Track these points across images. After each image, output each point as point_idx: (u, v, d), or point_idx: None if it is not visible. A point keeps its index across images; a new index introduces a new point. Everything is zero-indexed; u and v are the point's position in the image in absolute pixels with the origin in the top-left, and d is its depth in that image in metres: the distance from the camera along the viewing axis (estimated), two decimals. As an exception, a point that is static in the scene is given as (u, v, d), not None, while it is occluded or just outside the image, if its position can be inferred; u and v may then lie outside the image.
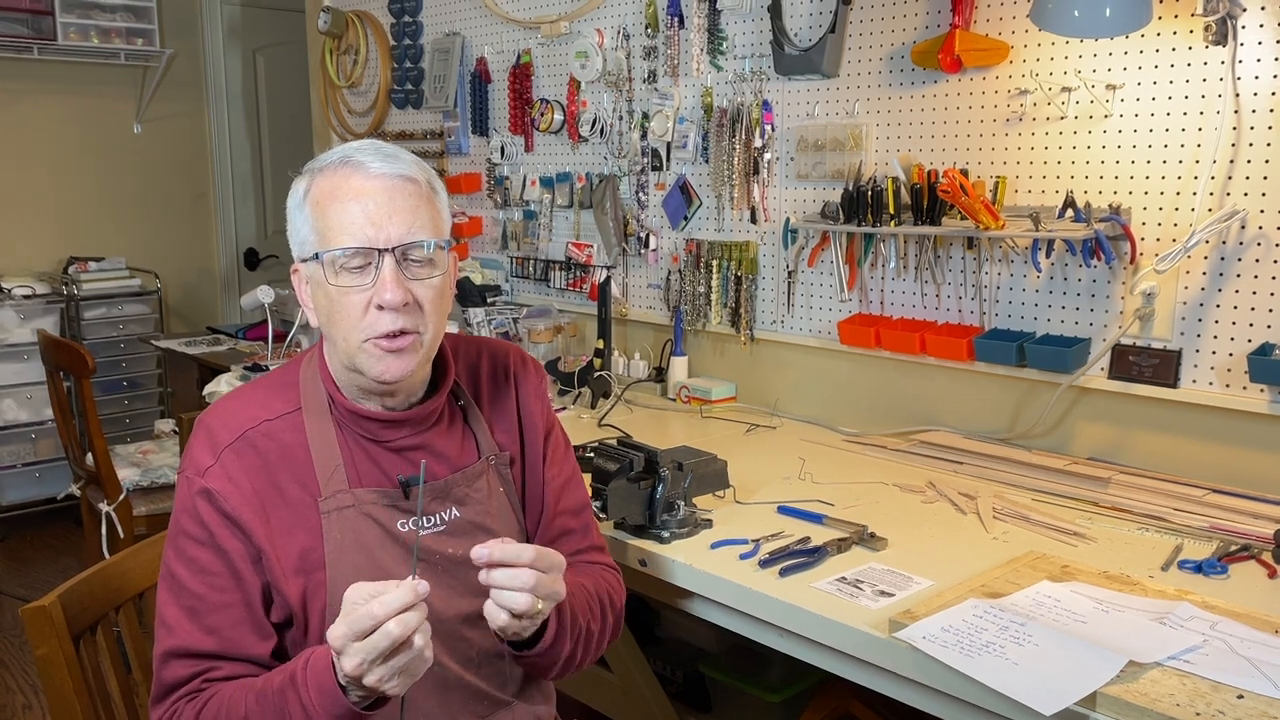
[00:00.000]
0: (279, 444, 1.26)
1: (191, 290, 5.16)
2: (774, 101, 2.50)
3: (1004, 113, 2.09)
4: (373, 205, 1.20)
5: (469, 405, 1.39)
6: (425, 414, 1.31)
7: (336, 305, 1.22)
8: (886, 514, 1.79)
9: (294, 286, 1.31)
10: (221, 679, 1.20)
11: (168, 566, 1.25)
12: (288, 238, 1.29)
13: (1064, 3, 1.78)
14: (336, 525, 1.25)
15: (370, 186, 1.21)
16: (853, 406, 2.43)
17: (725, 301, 2.66)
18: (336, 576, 1.23)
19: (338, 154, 1.25)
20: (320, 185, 1.24)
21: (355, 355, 1.23)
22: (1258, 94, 1.77)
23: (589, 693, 2.34)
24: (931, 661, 1.26)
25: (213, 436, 1.26)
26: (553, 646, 1.23)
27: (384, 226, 1.20)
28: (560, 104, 3.05)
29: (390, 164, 1.23)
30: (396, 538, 1.28)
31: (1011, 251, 2.11)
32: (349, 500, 1.26)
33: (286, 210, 1.28)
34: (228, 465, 1.24)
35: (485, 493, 1.35)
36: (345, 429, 1.29)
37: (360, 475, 1.28)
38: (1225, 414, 1.86)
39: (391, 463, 1.30)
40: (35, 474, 4.29)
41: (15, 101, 4.53)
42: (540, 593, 1.13)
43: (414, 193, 1.23)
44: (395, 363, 1.23)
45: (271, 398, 1.30)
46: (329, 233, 1.21)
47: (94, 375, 3.01)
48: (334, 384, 1.30)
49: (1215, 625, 1.30)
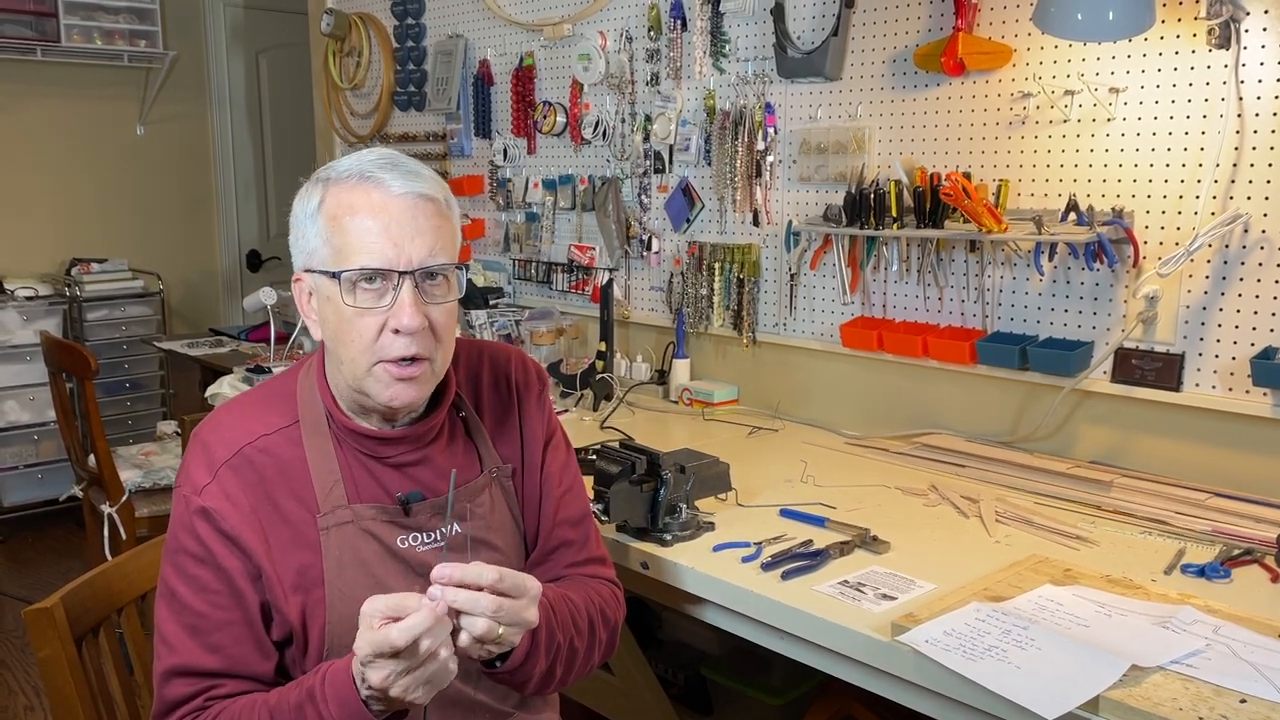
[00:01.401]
0: (276, 460, 1.24)
1: (194, 292, 5.17)
2: (776, 104, 2.50)
3: (1007, 116, 2.09)
4: (394, 225, 1.17)
5: (470, 417, 1.37)
6: (425, 430, 1.29)
7: (348, 325, 1.19)
8: (889, 517, 1.79)
9: (295, 294, 1.28)
10: (225, 696, 1.19)
11: (167, 584, 1.23)
12: (290, 244, 1.26)
13: (1067, 6, 1.78)
14: (335, 541, 1.23)
15: (391, 205, 1.18)
16: (855, 409, 2.43)
17: (727, 304, 2.66)
18: (336, 593, 1.22)
19: (355, 166, 1.21)
20: (337, 198, 1.20)
21: (363, 379, 1.21)
22: (1261, 97, 1.77)
23: (590, 695, 2.34)
24: (933, 665, 1.26)
25: (209, 452, 1.24)
26: (522, 666, 1.19)
27: (405, 248, 1.17)
28: (563, 106, 3.05)
29: (411, 182, 1.20)
30: (396, 554, 1.26)
31: (1014, 254, 2.10)
32: (348, 516, 1.24)
33: (293, 216, 1.24)
34: (225, 483, 1.21)
35: (488, 507, 1.34)
36: (344, 444, 1.27)
37: (359, 491, 1.26)
38: (1228, 418, 1.86)
39: (391, 478, 1.28)
40: (37, 475, 4.29)
41: (18, 103, 4.54)
42: (503, 619, 1.09)
43: (434, 212, 1.21)
44: (404, 390, 1.21)
45: (268, 410, 1.28)
46: (346, 250, 1.18)
47: (96, 377, 3.01)
48: (333, 399, 1.27)
49: (1218, 629, 1.29)
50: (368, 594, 1.07)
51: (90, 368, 2.96)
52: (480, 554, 1.29)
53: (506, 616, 1.10)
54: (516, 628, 1.13)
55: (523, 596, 1.12)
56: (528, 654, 1.19)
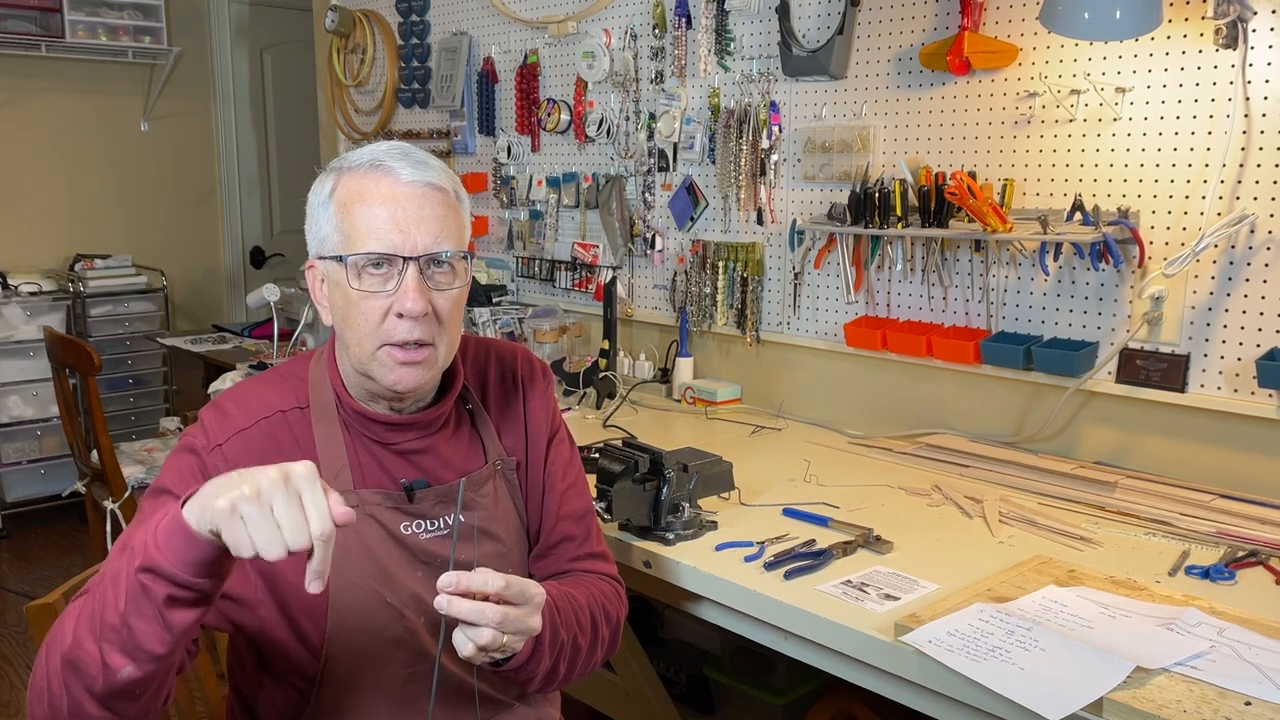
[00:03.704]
0: (291, 436, 1.26)
1: (197, 288, 5.17)
2: (781, 103, 2.49)
3: (1012, 115, 2.09)
4: (401, 211, 1.20)
5: (477, 409, 1.38)
6: (432, 418, 1.30)
7: (354, 308, 1.21)
8: (892, 517, 1.79)
9: (308, 281, 1.30)
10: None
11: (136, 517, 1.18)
12: (305, 232, 1.28)
13: (1074, 5, 1.78)
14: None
15: (400, 192, 1.21)
16: (859, 409, 2.42)
17: (731, 302, 2.65)
18: (338, 576, 1.23)
19: (367, 155, 1.24)
20: (348, 185, 1.23)
21: (368, 361, 1.23)
22: (1268, 98, 1.76)
23: (593, 695, 2.34)
24: (937, 665, 1.25)
25: (226, 416, 1.25)
26: (526, 665, 1.21)
27: (410, 234, 1.20)
28: (567, 104, 3.05)
29: (420, 171, 1.23)
30: (399, 540, 1.27)
31: (1019, 254, 2.10)
32: (353, 501, 1.25)
33: (308, 205, 1.27)
34: (234, 448, 1.22)
35: (491, 498, 1.35)
36: (351, 429, 1.29)
37: (365, 476, 1.28)
38: (1233, 419, 1.85)
39: (397, 465, 1.29)
40: (40, 471, 4.30)
41: (23, 99, 4.54)
42: (508, 628, 1.10)
43: (442, 201, 1.23)
44: (409, 374, 1.22)
45: (283, 391, 1.30)
46: (355, 235, 1.20)
47: (100, 373, 3.01)
48: (342, 384, 1.29)
49: (1223, 631, 1.29)
50: (370, 579, 1.06)
51: (94, 363, 2.96)
52: (483, 545, 1.31)
53: (511, 625, 1.11)
54: (521, 635, 1.14)
55: (527, 604, 1.13)
56: (532, 653, 1.20)
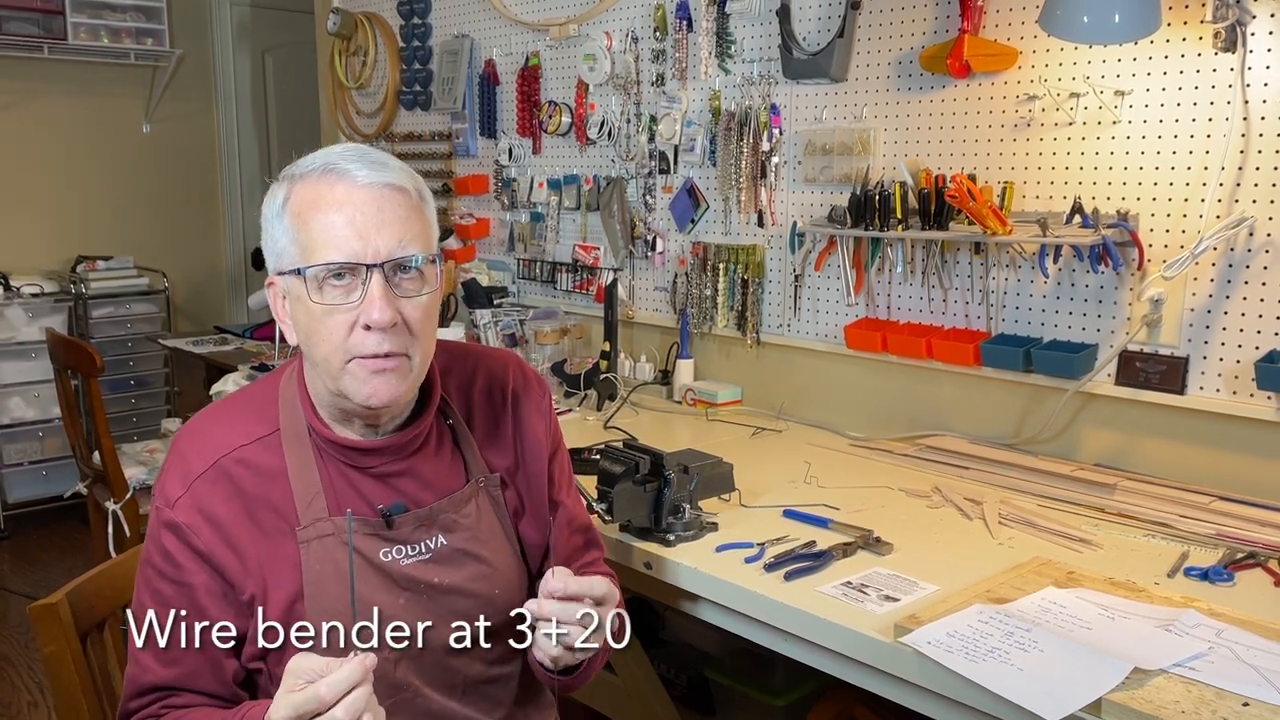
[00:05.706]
0: (254, 470, 1.21)
1: (199, 290, 5.18)
2: (782, 105, 2.50)
3: (1012, 118, 2.09)
4: (359, 216, 1.12)
5: (458, 425, 1.32)
6: (409, 439, 1.25)
7: (318, 324, 1.15)
8: (892, 518, 1.79)
9: (270, 300, 1.24)
10: (181, 706, 1.17)
11: (137, 595, 1.22)
12: (262, 247, 1.21)
13: (1073, 8, 1.78)
14: (315, 554, 1.19)
15: (356, 196, 1.13)
16: (859, 411, 2.42)
17: (732, 305, 2.66)
18: (315, 606, 1.18)
19: (320, 160, 1.16)
20: (301, 194, 1.15)
21: (339, 377, 1.16)
22: (1266, 101, 1.77)
23: (593, 696, 2.34)
24: (936, 666, 1.26)
25: (185, 463, 1.21)
26: (588, 668, 1.20)
27: (371, 239, 1.12)
28: (568, 106, 3.06)
29: (377, 172, 1.15)
30: (377, 566, 1.21)
31: (1019, 257, 2.10)
32: (329, 529, 1.20)
33: (262, 218, 1.19)
34: (199, 496, 1.18)
35: (474, 517, 1.28)
36: (325, 454, 1.23)
37: (340, 503, 1.22)
38: (1232, 421, 1.86)
39: (373, 490, 1.23)
40: (42, 472, 4.30)
41: (25, 100, 4.54)
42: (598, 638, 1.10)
43: (403, 203, 1.15)
44: (383, 385, 1.16)
45: (248, 418, 1.24)
46: (312, 245, 1.13)
47: (101, 374, 3.01)
48: (313, 409, 1.24)
49: (1221, 633, 1.29)
50: (348, 608, 1.04)
51: (95, 365, 2.96)
52: (466, 566, 1.26)
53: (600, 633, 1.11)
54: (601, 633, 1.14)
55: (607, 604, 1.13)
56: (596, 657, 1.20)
